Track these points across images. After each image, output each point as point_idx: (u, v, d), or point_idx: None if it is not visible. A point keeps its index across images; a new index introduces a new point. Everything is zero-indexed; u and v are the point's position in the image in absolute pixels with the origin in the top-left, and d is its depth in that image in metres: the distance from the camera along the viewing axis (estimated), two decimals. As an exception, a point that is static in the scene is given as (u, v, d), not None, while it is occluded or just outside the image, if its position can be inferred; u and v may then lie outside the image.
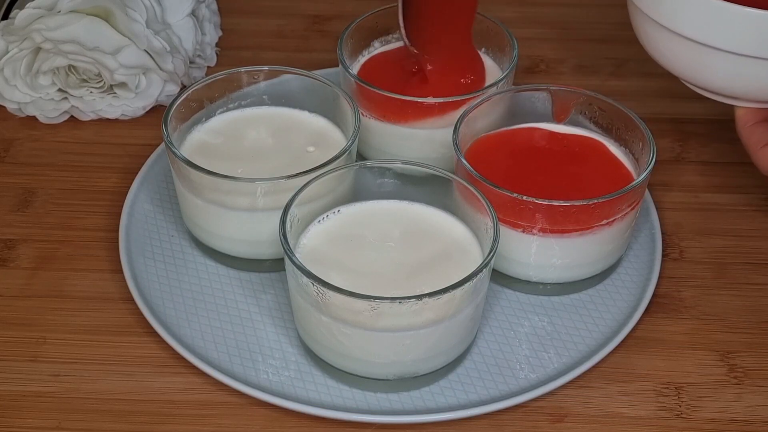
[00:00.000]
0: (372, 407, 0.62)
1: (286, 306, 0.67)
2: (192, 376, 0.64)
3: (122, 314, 0.68)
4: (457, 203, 0.66)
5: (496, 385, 0.63)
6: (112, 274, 0.70)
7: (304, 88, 0.73)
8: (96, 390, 0.63)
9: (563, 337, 0.66)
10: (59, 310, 0.68)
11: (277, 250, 0.64)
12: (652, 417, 0.62)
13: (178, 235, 0.73)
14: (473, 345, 0.65)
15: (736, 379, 0.64)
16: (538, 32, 0.93)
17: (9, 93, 0.81)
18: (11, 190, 0.77)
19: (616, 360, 0.65)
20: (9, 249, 0.72)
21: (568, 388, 0.64)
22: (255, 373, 0.64)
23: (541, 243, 0.66)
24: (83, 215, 0.75)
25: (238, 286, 0.69)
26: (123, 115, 0.83)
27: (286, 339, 0.66)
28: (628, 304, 0.68)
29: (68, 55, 0.78)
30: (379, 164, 0.67)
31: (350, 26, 0.77)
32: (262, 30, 0.93)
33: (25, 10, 0.81)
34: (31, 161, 0.80)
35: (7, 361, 0.65)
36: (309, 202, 0.64)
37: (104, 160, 0.79)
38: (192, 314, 0.67)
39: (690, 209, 0.76)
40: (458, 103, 0.71)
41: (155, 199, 0.75)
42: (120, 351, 0.66)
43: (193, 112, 0.72)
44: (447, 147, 0.69)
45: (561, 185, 0.67)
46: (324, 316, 0.60)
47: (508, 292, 0.69)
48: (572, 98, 0.71)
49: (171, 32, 0.83)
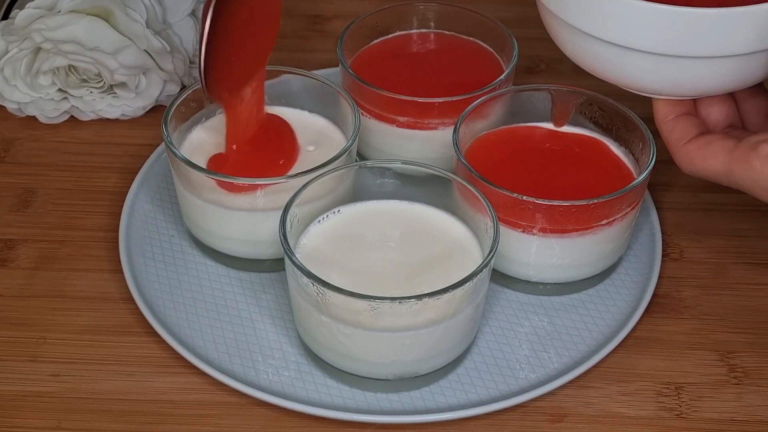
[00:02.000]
0: (372, 407, 0.62)
1: (286, 306, 0.67)
2: (192, 376, 0.64)
3: (122, 314, 0.68)
4: (457, 203, 0.66)
5: (496, 385, 0.63)
6: (112, 274, 0.70)
7: (304, 88, 0.73)
8: (96, 390, 0.63)
9: (563, 337, 0.66)
10: (59, 310, 0.68)
11: (277, 250, 0.64)
12: (652, 417, 0.62)
13: (178, 235, 0.73)
14: (473, 345, 0.65)
15: (736, 379, 0.64)
16: (538, 32, 0.92)
17: (9, 93, 0.81)
18: (11, 190, 0.77)
19: (616, 360, 0.65)
20: (9, 249, 0.72)
21: (568, 388, 0.64)
22: (255, 373, 0.64)
23: (541, 243, 0.66)
24: (83, 215, 0.75)
25: (238, 286, 0.69)
26: (123, 115, 0.83)
27: (286, 339, 0.66)
28: (628, 304, 0.68)
29: (68, 55, 0.78)
30: (379, 164, 0.67)
31: (350, 26, 0.77)
32: (262, 30, 0.93)
33: (25, 10, 0.81)
34: (31, 161, 0.80)
35: (7, 361, 0.65)
36: (309, 202, 0.64)
37: (104, 160, 0.79)
38: (192, 314, 0.67)
39: (690, 209, 0.76)
40: (458, 102, 0.71)
41: (155, 199, 0.75)
42: (120, 351, 0.66)
43: (193, 112, 0.72)
44: (447, 147, 0.69)
45: (561, 185, 0.67)
46: (324, 316, 0.60)
47: (508, 292, 0.69)
48: (572, 99, 0.71)
49: (171, 32, 0.83)
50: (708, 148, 0.60)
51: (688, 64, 0.59)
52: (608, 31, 0.59)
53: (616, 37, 0.59)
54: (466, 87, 0.73)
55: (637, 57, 0.60)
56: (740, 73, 0.60)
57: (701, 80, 0.60)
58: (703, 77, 0.60)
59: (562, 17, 0.62)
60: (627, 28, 0.59)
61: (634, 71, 0.61)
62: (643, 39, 0.58)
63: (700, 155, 0.60)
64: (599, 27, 0.60)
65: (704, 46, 0.58)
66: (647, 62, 0.59)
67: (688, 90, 0.61)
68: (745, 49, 0.58)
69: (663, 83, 0.61)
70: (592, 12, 0.59)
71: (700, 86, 0.61)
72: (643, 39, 0.58)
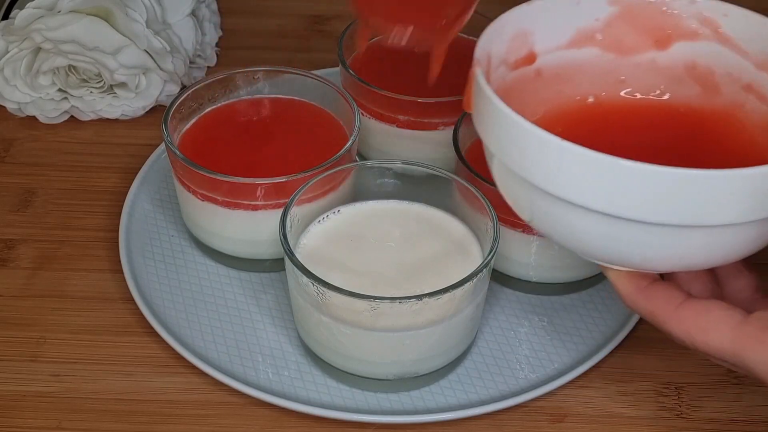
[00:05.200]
0: (372, 407, 0.62)
1: (286, 306, 0.67)
2: (192, 376, 0.64)
3: (122, 314, 0.68)
4: (457, 203, 0.66)
5: (496, 385, 0.63)
6: (112, 274, 0.70)
7: (304, 87, 0.73)
8: (96, 390, 0.63)
9: (563, 337, 0.66)
10: (59, 310, 0.68)
11: (277, 250, 0.64)
12: (652, 417, 0.62)
13: (178, 235, 0.73)
14: (473, 345, 0.65)
15: (736, 379, 0.64)
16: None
17: (9, 93, 0.81)
18: (11, 190, 0.77)
19: (616, 360, 0.65)
20: (9, 249, 0.72)
21: (569, 388, 0.64)
22: (255, 373, 0.64)
23: (541, 243, 0.66)
24: (83, 215, 0.75)
25: (238, 286, 0.69)
26: (123, 115, 0.83)
27: (286, 339, 0.66)
28: (628, 304, 0.68)
29: (68, 55, 0.78)
30: (379, 164, 0.67)
31: (350, 26, 0.77)
32: (262, 30, 0.93)
33: (25, 10, 0.81)
34: (31, 161, 0.80)
35: (7, 361, 0.65)
36: (309, 202, 0.64)
37: (104, 160, 0.79)
38: (192, 314, 0.67)
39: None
40: (458, 102, 0.71)
41: (155, 199, 0.75)
42: (120, 351, 0.66)
43: (193, 112, 0.72)
44: (447, 147, 0.69)
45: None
46: (324, 316, 0.60)
47: (508, 292, 0.69)
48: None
49: (171, 32, 0.83)
50: (707, 318, 0.50)
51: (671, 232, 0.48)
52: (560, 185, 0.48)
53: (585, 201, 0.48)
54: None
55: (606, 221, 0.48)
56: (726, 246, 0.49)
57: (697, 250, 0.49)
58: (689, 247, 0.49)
59: (518, 172, 0.50)
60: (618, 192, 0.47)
61: (595, 236, 0.49)
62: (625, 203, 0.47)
63: (699, 327, 0.50)
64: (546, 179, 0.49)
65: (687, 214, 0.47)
66: (611, 227, 0.48)
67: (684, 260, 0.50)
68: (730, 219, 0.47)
69: (630, 252, 0.49)
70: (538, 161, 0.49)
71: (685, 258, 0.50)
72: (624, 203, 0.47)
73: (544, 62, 0.57)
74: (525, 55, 0.57)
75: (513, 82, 0.56)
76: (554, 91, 0.58)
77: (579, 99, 0.59)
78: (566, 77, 0.58)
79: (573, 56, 0.58)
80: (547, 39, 0.57)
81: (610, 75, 0.59)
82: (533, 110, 0.57)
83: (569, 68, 0.58)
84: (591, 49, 0.58)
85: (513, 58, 0.56)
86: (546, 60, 0.57)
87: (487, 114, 0.50)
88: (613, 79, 0.59)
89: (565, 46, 0.58)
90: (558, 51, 0.58)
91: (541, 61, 0.57)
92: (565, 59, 0.58)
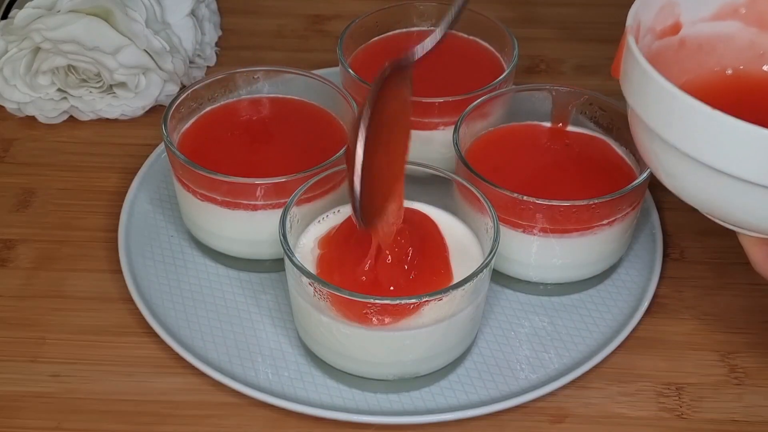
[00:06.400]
0: (372, 407, 0.62)
1: (286, 306, 0.67)
2: (192, 376, 0.64)
3: (122, 314, 0.68)
4: (457, 203, 0.65)
5: (496, 385, 0.63)
6: (112, 274, 0.70)
7: (304, 87, 0.73)
8: (96, 390, 0.63)
9: (564, 338, 0.66)
10: (59, 310, 0.68)
11: (277, 250, 0.64)
12: (652, 417, 0.62)
13: (178, 235, 0.72)
14: (473, 345, 0.65)
15: (737, 380, 0.64)
16: (538, 32, 0.93)
17: (8, 93, 0.81)
18: (11, 190, 0.77)
19: (616, 360, 0.65)
20: (9, 249, 0.72)
21: (569, 388, 0.64)
22: (255, 373, 0.64)
23: (541, 243, 0.66)
24: (83, 215, 0.75)
25: (238, 286, 0.69)
26: (122, 115, 0.82)
27: (286, 339, 0.66)
28: (628, 305, 0.68)
29: (68, 54, 0.78)
30: (379, 164, 0.67)
31: (350, 26, 0.77)
32: (262, 30, 0.93)
33: (24, 10, 0.81)
34: (31, 161, 0.80)
35: (7, 362, 0.65)
36: (309, 202, 0.64)
37: (103, 160, 0.79)
38: (192, 314, 0.67)
39: (691, 209, 0.75)
40: (458, 102, 0.71)
41: (155, 199, 0.75)
42: (120, 351, 0.66)
43: (193, 112, 0.72)
44: (447, 147, 0.69)
45: (561, 185, 0.67)
46: (324, 316, 0.60)
47: (508, 292, 0.69)
48: (572, 99, 0.71)
49: (171, 32, 0.83)
50: None
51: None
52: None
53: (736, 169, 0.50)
54: (467, 87, 0.73)
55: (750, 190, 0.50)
56: None
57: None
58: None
59: (666, 139, 0.52)
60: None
61: (741, 204, 0.52)
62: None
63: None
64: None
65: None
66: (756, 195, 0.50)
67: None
68: None
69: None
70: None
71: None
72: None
73: (687, 33, 0.59)
74: (671, 25, 0.59)
75: (658, 50, 0.58)
76: (696, 61, 0.60)
77: (718, 70, 0.60)
78: (708, 49, 0.60)
79: (716, 28, 0.60)
80: (693, 10, 0.59)
81: (751, 49, 0.60)
82: (675, 80, 0.57)
83: (712, 40, 0.60)
84: (733, 23, 0.60)
85: (659, 27, 0.58)
86: (690, 31, 0.59)
87: (638, 80, 0.53)
88: (754, 53, 0.60)
89: (709, 18, 0.59)
90: (702, 23, 0.59)
91: (685, 32, 0.59)
92: (708, 31, 0.60)
